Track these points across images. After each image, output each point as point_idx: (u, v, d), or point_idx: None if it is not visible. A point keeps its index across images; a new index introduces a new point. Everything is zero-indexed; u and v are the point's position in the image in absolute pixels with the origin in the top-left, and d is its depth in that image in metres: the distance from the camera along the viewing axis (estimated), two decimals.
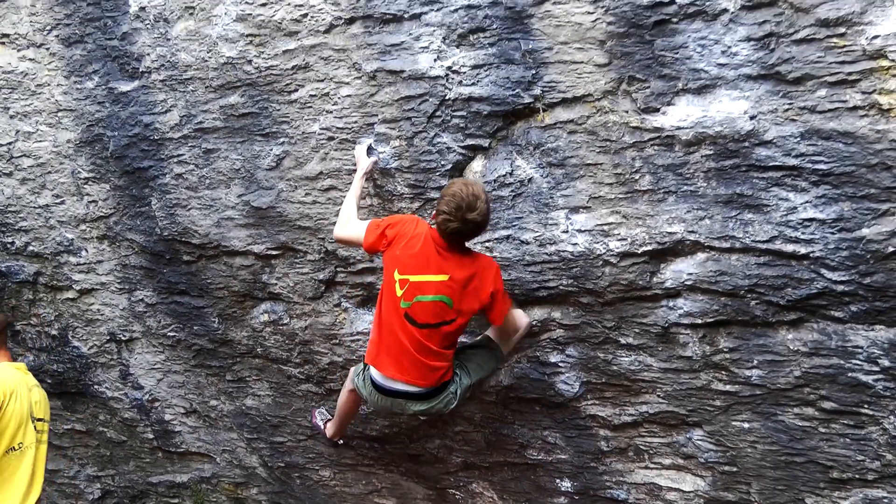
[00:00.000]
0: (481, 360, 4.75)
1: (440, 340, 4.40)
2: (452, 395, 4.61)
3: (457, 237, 4.25)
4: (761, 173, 3.98)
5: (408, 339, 4.39)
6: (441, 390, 4.56)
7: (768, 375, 4.39)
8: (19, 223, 6.26)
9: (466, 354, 4.75)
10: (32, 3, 5.65)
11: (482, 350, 4.77)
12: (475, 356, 4.76)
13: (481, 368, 4.75)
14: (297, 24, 4.76)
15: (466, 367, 4.69)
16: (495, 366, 4.86)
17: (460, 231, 4.19)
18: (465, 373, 4.67)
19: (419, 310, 4.34)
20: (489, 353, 4.77)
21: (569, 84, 4.27)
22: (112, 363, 6.62)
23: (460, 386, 4.63)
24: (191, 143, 5.35)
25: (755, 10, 3.78)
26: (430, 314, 4.34)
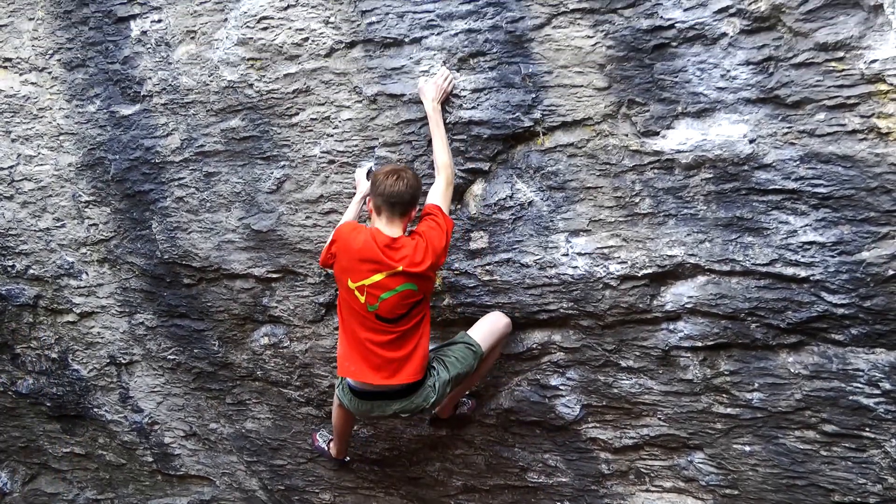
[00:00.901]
0: (459, 354, 4.65)
1: (415, 323, 4.42)
2: (431, 388, 4.57)
3: (393, 214, 4.32)
4: (761, 196, 3.99)
5: (380, 339, 4.42)
6: (418, 386, 4.53)
7: (769, 398, 4.39)
8: (20, 246, 6.26)
9: (444, 350, 4.70)
10: (35, 28, 5.67)
11: (460, 345, 4.69)
12: (452, 351, 4.68)
13: (459, 363, 4.63)
14: (298, 48, 4.78)
15: (444, 362, 4.63)
16: (473, 362, 4.67)
17: (392, 205, 4.30)
18: (443, 367, 4.61)
19: (388, 307, 4.36)
20: (466, 348, 4.67)
21: (569, 108, 4.28)
22: (112, 386, 6.60)
23: (438, 380, 4.57)
24: (192, 166, 5.36)
25: (754, 35, 3.80)
26: (400, 305, 4.36)
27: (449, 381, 4.61)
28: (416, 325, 4.43)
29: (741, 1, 3.77)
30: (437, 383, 4.57)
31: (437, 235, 4.30)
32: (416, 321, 4.41)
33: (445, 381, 4.60)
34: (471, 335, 4.69)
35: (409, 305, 4.37)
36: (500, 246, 4.67)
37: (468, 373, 4.70)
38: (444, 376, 4.59)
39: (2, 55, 5.84)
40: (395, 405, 4.59)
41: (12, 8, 5.72)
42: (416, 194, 4.35)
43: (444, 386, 4.60)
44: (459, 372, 4.63)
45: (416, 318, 4.41)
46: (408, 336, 4.42)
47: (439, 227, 4.32)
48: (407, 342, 4.43)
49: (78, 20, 5.49)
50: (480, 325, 4.74)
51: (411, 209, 4.37)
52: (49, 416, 7.02)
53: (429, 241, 4.30)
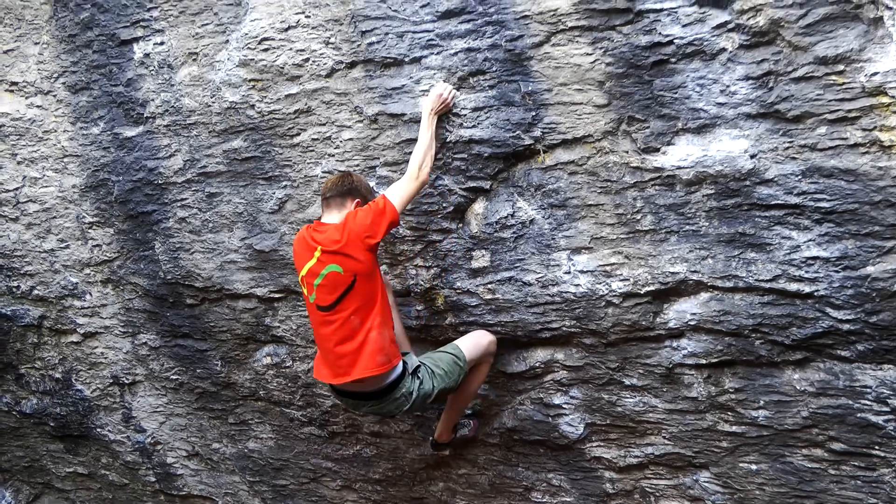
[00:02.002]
0: (446, 366, 4.60)
1: (354, 310, 4.34)
2: (405, 397, 4.50)
3: (329, 206, 4.48)
4: (763, 212, 3.97)
5: (329, 333, 4.41)
6: (390, 390, 4.47)
7: (775, 416, 4.35)
8: (25, 267, 6.28)
9: (433, 359, 4.65)
10: (40, 52, 5.71)
11: (448, 357, 4.64)
12: (440, 362, 4.62)
13: (446, 376, 4.58)
14: (299, 68, 4.80)
15: (433, 373, 4.57)
16: (457, 378, 4.64)
17: (326, 199, 4.49)
18: (430, 378, 4.55)
19: (322, 294, 4.37)
20: (454, 361, 4.62)
21: (569, 125, 4.28)
22: (115, 406, 6.61)
23: (418, 390, 4.51)
24: (194, 187, 5.38)
25: (753, 49, 3.79)
26: (330, 290, 4.35)
27: (430, 395, 4.57)
28: (358, 315, 4.34)
29: (740, 16, 3.76)
30: (415, 393, 4.51)
31: (363, 215, 4.31)
32: (353, 309, 4.33)
33: (426, 394, 4.55)
34: (460, 346, 4.67)
35: (340, 290, 4.33)
36: (502, 264, 4.66)
37: (451, 388, 4.67)
38: (427, 389, 4.54)
39: (8, 79, 5.88)
40: (365, 406, 4.58)
41: (18, 33, 5.77)
42: (350, 186, 4.47)
43: (423, 397, 4.55)
44: (444, 387, 4.60)
45: (352, 305, 4.33)
46: (350, 327, 4.35)
47: (369, 208, 4.34)
48: (352, 335, 4.36)
49: (82, 44, 5.53)
50: (466, 339, 4.74)
51: (347, 198, 4.45)
52: (52, 436, 7.03)
53: (350, 219, 4.33)
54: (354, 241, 4.27)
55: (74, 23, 5.54)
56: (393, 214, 4.30)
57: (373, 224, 4.27)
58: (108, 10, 5.38)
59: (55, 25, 5.63)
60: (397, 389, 4.47)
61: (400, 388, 4.47)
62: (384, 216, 4.28)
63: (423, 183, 4.40)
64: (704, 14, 3.85)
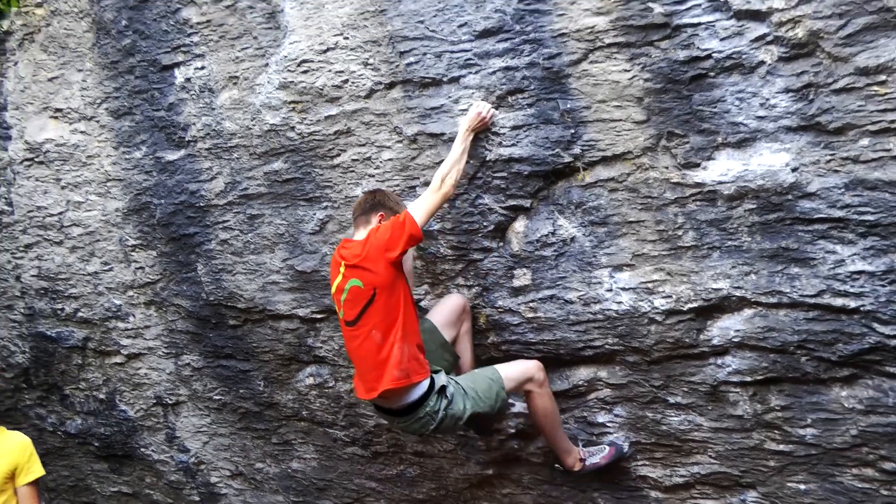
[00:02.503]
0: (482, 389, 4.52)
1: (375, 324, 4.34)
2: (430, 416, 4.45)
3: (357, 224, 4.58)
4: (806, 226, 3.93)
5: (356, 348, 4.45)
6: (415, 407, 4.43)
7: (823, 434, 4.27)
8: (69, 290, 6.37)
9: (469, 379, 4.58)
10: (83, 79, 5.82)
11: (484, 378, 4.57)
12: (477, 383, 4.54)
13: (481, 400, 4.48)
14: (339, 90, 4.84)
15: (465, 393, 4.49)
16: (494, 404, 4.52)
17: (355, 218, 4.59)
18: (462, 398, 4.48)
19: (347, 309, 4.42)
20: (489, 384, 4.53)
21: (608, 142, 4.27)
22: (158, 426, 6.66)
23: (446, 410, 4.44)
24: (235, 209, 5.43)
25: (792, 62, 3.77)
26: (354, 304, 4.38)
27: (460, 419, 4.49)
28: (379, 329, 4.35)
29: (778, 28, 3.75)
30: (441, 412, 4.45)
31: (384, 229, 4.33)
32: (374, 323, 4.34)
33: (456, 416, 4.48)
34: (499, 370, 4.59)
35: (361, 304, 4.35)
36: (544, 283, 4.65)
37: (488, 413, 4.59)
38: (457, 411, 4.46)
39: (53, 105, 6.00)
40: (395, 422, 4.61)
41: (62, 60, 5.89)
42: (374, 202, 4.54)
43: (453, 419, 4.48)
44: (479, 410, 4.51)
45: (372, 319, 4.34)
46: (373, 342, 4.36)
47: (390, 222, 4.35)
48: (376, 349, 4.36)
49: (124, 69, 5.62)
50: (507, 364, 4.68)
51: (371, 214, 4.51)
52: (97, 456, 7.09)
53: (372, 234, 4.37)
54: (374, 254, 4.30)
55: (117, 49, 5.64)
56: (412, 228, 4.28)
57: (391, 238, 4.28)
58: (150, 36, 5.47)
59: (98, 52, 5.74)
60: (422, 408, 4.43)
61: (424, 406, 4.43)
62: (403, 230, 4.28)
63: (447, 196, 4.38)
64: (742, 27, 3.84)
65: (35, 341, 6.73)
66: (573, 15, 4.19)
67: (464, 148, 4.41)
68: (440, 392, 4.44)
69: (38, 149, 6.13)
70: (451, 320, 4.79)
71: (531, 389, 4.60)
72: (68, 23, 5.86)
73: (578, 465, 4.78)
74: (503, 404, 4.61)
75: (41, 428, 7.08)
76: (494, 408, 4.56)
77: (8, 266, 6.55)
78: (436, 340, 4.69)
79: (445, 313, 4.80)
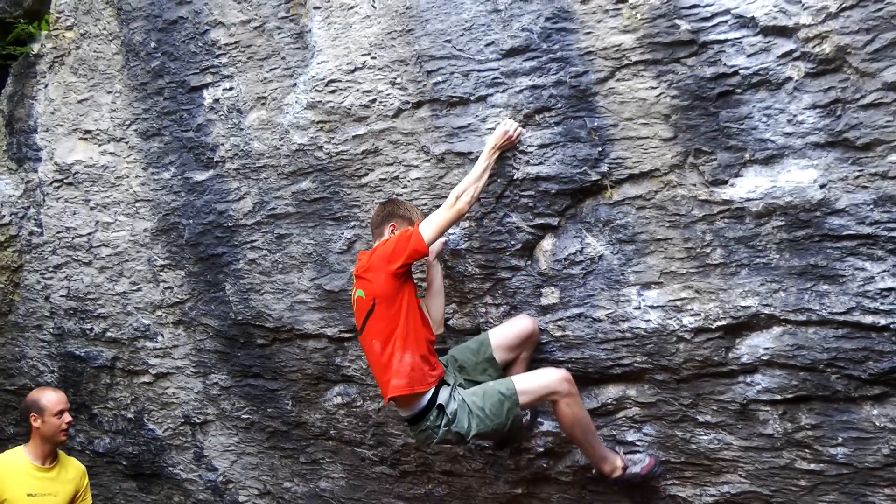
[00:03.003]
0: (490, 406, 4.41)
1: (377, 334, 4.40)
2: (432, 429, 4.44)
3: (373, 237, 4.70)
4: (835, 243, 3.91)
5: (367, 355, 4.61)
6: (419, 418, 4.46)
7: (855, 453, 4.23)
8: (98, 310, 6.42)
9: (479, 395, 4.47)
10: (113, 100, 5.89)
11: (494, 394, 4.44)
12: (486, 399, 4.43)
13: (488, 418, 4.39)
14: (366, 109, 4.87)
15: (471, 412, 4.41)
16: (504, 422, 4.41)
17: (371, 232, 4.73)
18: (467, 417, 4.41)
19: (357, 319, 4.58)
20: (500, 400, 4.41)
21: (635, 160, 4.28)
22: (186, 445, 6.67)
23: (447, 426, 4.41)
24: (264, 228, 5.47)
25: (819, 77, 3.76)
26: (360, 314, 4.50)
27: (468, 435, 4.43)
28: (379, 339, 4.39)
29: (805, 44, 3.75)
30: (441, 429, 4.42)
31: (391, 241, 4.39)
32: (375, 332, 4.40)
33: (460, 434, 4.43)
34: (514, 382, 4.48)
35: (363, 314, 4.44)
36: (572, 301, 4.64)
37: (498, 432, 4.51)
38: (462, 428, 4.41)
39: (82, 127, 6.07)
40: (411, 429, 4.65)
41: (92, 83, 5.96)
42: (386, 213, 4.64)
43: (457, 436, 4.44)
44: (487, 429, 4.44)
45: (374, 329, 4.40)
46: (376, 351, 4.43)
47: (398, 234, 4.42)
48: (377, 358, 4.43)
49: (153, 91, 5.68)
50: (526, 375, 4.59)
51: (384, 226, 4.60)
52: (125, 475, 7.11)
53: (379, 245, 4.45)
54: (376, 265, 4.36)
55: (146, 71, 5.70)
56: (417, 243, 4.30)
57: (394, 251, 4.33)
58: (178, 57, 5.53)
59: (127, 74, 5.80)
60: (423, 421, 4.46)
61: (426, 419, 4.45)
62: (407, 244, 4.31)
63: (460, 213, 4.38)
64: (769, 43, 3.84)
65: (64, 361, 6.78)
66: (600, 33, 4.21)
67: (486, 166, 4.42)
68: (439, 409, 4.43)
69: (67, 170, 6.19)
70: (510, 344, 4.70)
71: (556, 400, 4.48)
72: (98, 45, 5.93)
73: (619, 471, 4.64)
74: (516, 421, 4.53)
75: (70, 447, 7.10)
76: (505, 426, 4.46)
77: (37, 286, 6.61)
78: (483, 354, 4.68)
79: (507, 335, 4.72)
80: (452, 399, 4.45)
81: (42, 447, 5.11)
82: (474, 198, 4.39)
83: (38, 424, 5.06)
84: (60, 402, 5.14)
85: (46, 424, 5.05)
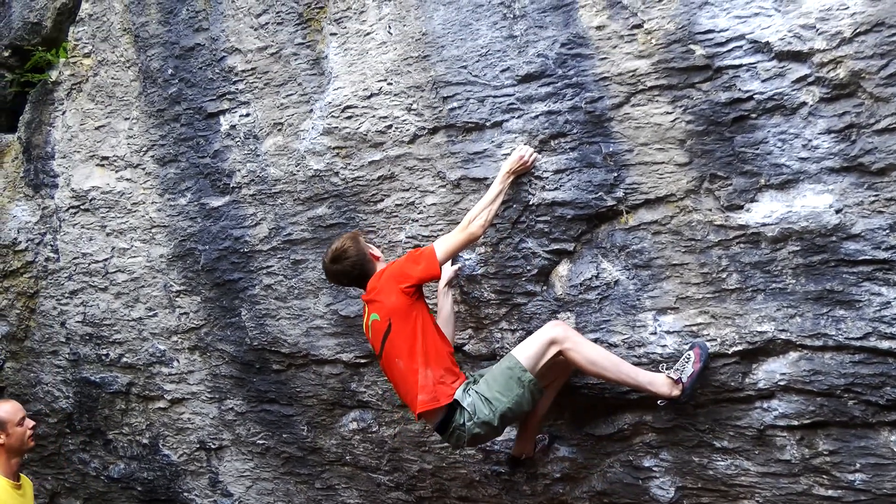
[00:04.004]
0: (500, 386, 4.34)
1: (397, 353, 4.40)
2: (458, 429, 4.38)
3: (341, 283, 4.78)
4: (851, 268, 3.90)
5: (390, 377, 4.61)
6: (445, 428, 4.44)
7: (873, 480, 4.20)
8: (113, 336, 6.43)
9: (486, 381, 4.42)
10: (130, 127, 5.93)
11: (501, 372, 4.38)
12: (494, 381, 4.38)
13: (504, 396, 4.30)
14: (382, 135, 4.90)
15: (487, 400, 4.35)
16: (523, 392, 4.31)
17: (337, 278, 4.70)
18: (483, 404, 4.34)
19: (374, 343, 4.57)
20: (508, 376, 4.34)
21: (651, 185, 4.28)
22: (202, 471, 6.66)
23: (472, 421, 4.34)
24: (280, 254, 5.49)
25: (834, 102, 3.77)
26: (377, 338, 4.49)
27: (494, 421, 4.35)
28: (401, 358, 4.39)
29: (820, 69, 3.76)
30: (470, 424, 4.36)
31: (403, 260, 4.45)
32: (396, 352, 4.40)
33: (487, 423, 4.35)
34: (514, 354, 4.38)
35: (381, 336, 4.44)
36: (588, 326, 4.64)
37: (521, 406, 4.38)
38: (485, 418, 4.34)
39: (99, 154, 6.12)
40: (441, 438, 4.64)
41: (110, 109, 6.01)
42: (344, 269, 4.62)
43: (485, 426, 4.36)
44: (509, 408, 4.34)
45: (393, 348, 4.41)
46: (399, 370, 4.44)
47: (410, 253, 4.48)
48: (402, 376, 4.45)
49: (170, 117, 5.73)
50: (524, 342, 4.45)
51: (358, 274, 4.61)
52: (140, 501, 7.09)
53: (389, 265, 4.51)
54: (387, 284, 4.40)
55: (163, 98, 5.75)
56: (429, 261, 4.35)
57: (404, 270, 4.38)
58: (196, 84, 5.58)
59: (144, 101, 5.85)
60: (449, 425, 4.41)
61: (452, 423, 4.40)
62: (419, 264, 4.36)
63: (472, 236, 4.40)
64: (784, 68, 3.85)
65: (79, 387, 6.79)
66: (615, 59, 4.23)
67: (500, 190, 4.43)
68: (458, 406, 4.39)
69: (83, 196, 6.24)
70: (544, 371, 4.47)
71: (561, 349, 4.32)
72: (115, 72, 5.99)
73: (677, 390, 4.27)
74: (535, 390, 4.37)
75: (84, 473, 7.12)
76: (524, 398, 4.34)
77: (53, 312, 6.63)
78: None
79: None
80: (467, 394, 4.40)
81: (10, 462, 4.81)
82: (488, 221, 4.41)
83: (2, 440, 4.75)
84: (18, 410, 4.90)
85: (12, 436, 4.77)
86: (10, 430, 4.79)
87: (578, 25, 4.31)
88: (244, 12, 5.34)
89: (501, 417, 4.37)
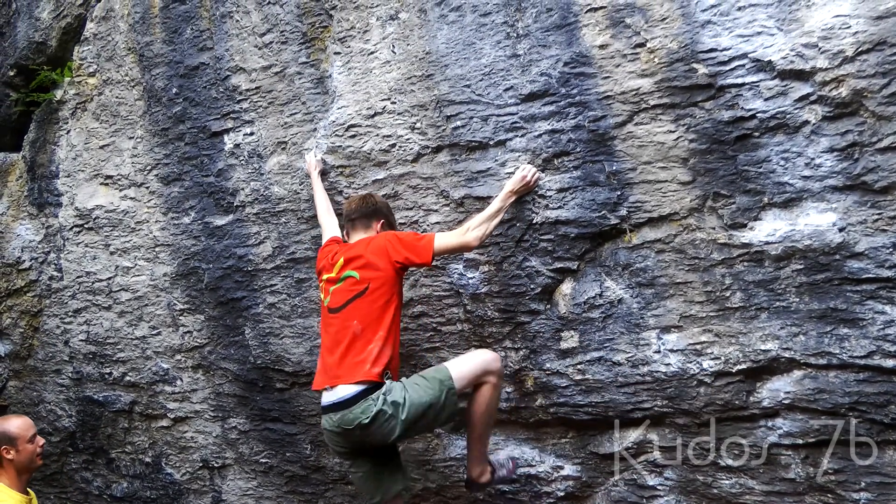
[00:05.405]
0: (422, 381, 4.38)
1: (361, 317, 4.36)
2: (373, 401, 4.25)
3: (355, 228, 4.70)
4: (854, 286, 3.91)
5: (333, 333, 4.46)
6: (355, 401, 4.29)
7: (878, 499, 4.18)
8: (117, 354, 6.43)
9: (412, 377, 4.46)
10: (134, 146, 5.95)
11: (430, 371, 4.47)
12: (419, 378, 4.43)
13: (420, 389, 4.32)
14: (386, 154, 4.92)
15: (404, 385, 4.34)
16: (439, 395, 4.31)
17: (352, 221, 4.70)
18: (401, 390, 4.31)
19: (336, 297, 4.48)
20: (434, 376, 4.39)
21: (654, 203, 4.29)
22: (205, 489, 6.64)
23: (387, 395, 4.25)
24: (283, 273, 5.49)
25: (837, 121, 3.79)
26: (344, 294, 4.44)
27: (402, 405, 4.27)
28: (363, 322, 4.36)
29: (822, 88, 3.78)
30: (382, 398, 4.27)
31: (401, 235, 4.47)
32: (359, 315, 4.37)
33: (393, 402, 4.26)
34: (446, 364, 4.47)
35: (350, 294, 4.42)
36: (591, 345, 4.64)
37: (431, 405, 4.31)
38: (394, 397, 4.27)
39: (104, 173, 6.13)
40: (336, 416, 4.35)
41: (114, 128, 6.04)
42: (374, 207, 4.69)
43: (392, 406, 4.27)
44: (418, 403, 4.30)
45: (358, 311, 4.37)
46: (353, 331, 4.36)
47: (410, 234, 4.50)
48: (354, 339, 4.36)
49: (174, 136, 5.75)
50: (458, 358, 4.57)
51: (372, 220, 4.66)
52: None
53: (381, 235, 4.52)
54: (379, 250, 4.41)
55: (167, 117, 5.77)
56: (426, 248, 4.38)
57: (401, 247, 4.40)
58: (200, 103, 5.60)
59: (149, 120, 5.87)
60: (357, 402, 4.28)
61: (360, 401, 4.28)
62: (416, 246, 4.40)
63: (466, 244, 4.41)
64: (786, 87, 3.87)
65: (82, 405, 6.78)
66: (618, 77, 4.25)
67: (500, 207, 4.46)
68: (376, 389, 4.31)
69: (87, 215, 6.25)
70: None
71: (487, 381, 4.43)
72: (120, 91, 6.01)
73: (486, 476, 4.71)
74: (449, 399, 4.36)
75: (87, 491, 7.10)
76: (437, 399, 4.34)
77: (57, 331, 6.64)
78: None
79: None
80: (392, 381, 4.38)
81: (19, 479, 4.78)
82: (485, 235, 4.44)
83: (11, 456, 4.72)
84: (29, 426, 4.86)
85: (22, 453, 4.74)
86: (21, 446, 4.76)
87: (581, 44, 4.34)
88: (248, 31, 5.37)
89: (410, 406, 4.29)
